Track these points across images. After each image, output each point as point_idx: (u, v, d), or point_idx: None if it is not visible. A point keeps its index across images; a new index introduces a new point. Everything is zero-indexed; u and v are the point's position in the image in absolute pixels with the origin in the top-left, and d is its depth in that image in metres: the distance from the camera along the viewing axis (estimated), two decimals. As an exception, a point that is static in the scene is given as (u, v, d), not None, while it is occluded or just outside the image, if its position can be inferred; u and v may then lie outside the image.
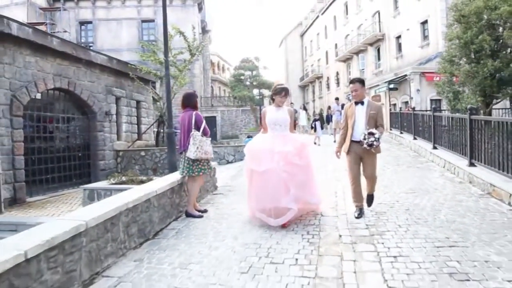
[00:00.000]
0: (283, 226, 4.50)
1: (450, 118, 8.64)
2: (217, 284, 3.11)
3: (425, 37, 25.51)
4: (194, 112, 5.37)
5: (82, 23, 30.57)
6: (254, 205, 4.78)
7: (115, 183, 8.04)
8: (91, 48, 24.66)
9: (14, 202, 9.58)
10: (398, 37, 28.74)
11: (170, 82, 8.54)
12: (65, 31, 27.99)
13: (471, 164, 6.93)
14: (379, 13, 31.29)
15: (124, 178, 8.33)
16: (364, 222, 4.56)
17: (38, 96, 10.80)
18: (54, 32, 25.07)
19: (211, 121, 31.35)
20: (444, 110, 17.25)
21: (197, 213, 5.28)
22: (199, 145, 5.16)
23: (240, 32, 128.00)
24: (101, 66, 13.22)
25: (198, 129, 5.25)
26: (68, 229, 3.06)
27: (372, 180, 4.95)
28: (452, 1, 16.82)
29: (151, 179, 6.96)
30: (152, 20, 30.38)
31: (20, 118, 9.89)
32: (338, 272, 3.23)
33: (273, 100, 5.09)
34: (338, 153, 5.08)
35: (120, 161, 14.03)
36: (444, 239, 3.88)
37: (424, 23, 25.48)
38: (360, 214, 4.81)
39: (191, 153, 5.15)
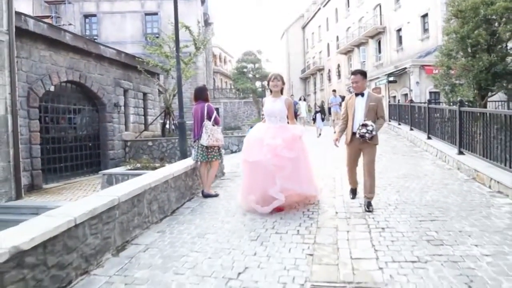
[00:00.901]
0: (278, 210, 4.70)
1: (443, 110, 9.17)
2: (231, 248, 3.69)
3: (425, 30, 25.87)
4: (206, 104, 5.95)
5: (87, 16, 30.98)
6: (246, 191, 4.94)
7: (131, 169, 8.62)
8: (95, 40, 25.15)
9: (32, 188, 10.17)
10: (399, 30, 29.09)
11: (181, 75, 9.07)
12: (70, 24, 28.39)
13: (460, 152, 7.48)
14: (380, 6, 31.60)
15: (139, 165, 8.92)
16: (358, 202, 5.12)
17: (52, 88, 11.32)
18: (59, 25, 25.49)
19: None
20: (442, 102, 17.77)
21: (214, 193, 5.90)
22: (210, 133, 5.76)
23: (242, 24, 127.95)
24: (110, 59, 13.74)
25: (209, 119, 5.83)
26: (105, 202, 3.64)
27: (371, 177, 4.78)
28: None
29: (163, 166, 7.52)
30: (156, 13, 30.75)
31: (36, 109, 10.45)
32: (334, 239, 3.81)
33: (270, 91, 5.21)
34: (337, 141, 5.06)
35: (128, 151, 14.60)
36: (427, 215, 4.45)
37: (424, 16, 25.82)
38: (354, 195, 5.27)
39: (204, 140, 5.76)
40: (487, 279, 2.85)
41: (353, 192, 5.32)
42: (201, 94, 5.93)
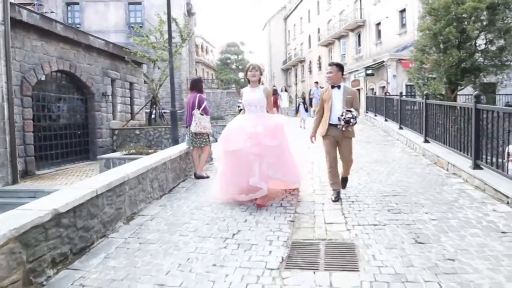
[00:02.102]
0: (259, 206, 4.65)
1: (412, 103, 10.02)
2: (225, 217, 4.38)
3: (403, 25, 26.77)
4: (198, 95, 6.59)
5: (69, 3, 30.70)
6: (225, 183, 4.89)
7: (127, 154, 9.18)
8: (78, 29, 25.16)
9: (26, 174, 10.59)
10: (378, 24, 29.96)
11: (173, 67, 9.61)
12: (52, 12, 28.16)
13: (426, 141, 8.33)
14: (360, 0, 32.39)
15: (133, 150, 9.48)
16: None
17: (43, 77, 11.67)
18: (41, 13, 25.37)
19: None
20: (416, 95, 18.75)
21: (205, 174, 6.55)
22: (198, 122, 6.42)
23: (224, 14, 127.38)
24: (98, 49, 14.11)
25: (199, 108, 6.47)
26: (118, 178, 4.26)
27: (348, 163, 5.03)
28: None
29: (156, 151, 8.11)
30: (139, 3, 30.73)
31: (29, 97, 10.82)
32: (311, 210, 4.54)
33: (248, 81, 5.13)
34: (313, 138, 5.10)
35: (116, 139, 15.04)
36: (390, 191, 5.23)
37: (402, 11, 26.69)
38: (338, 197, 4.86)
39: (193, 127, 6.41)
40: (430, 235, 3.62)
41: (337, 194, 4.93)
42: (196, 85, 6.58)
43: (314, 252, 3.39)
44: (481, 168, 5.51)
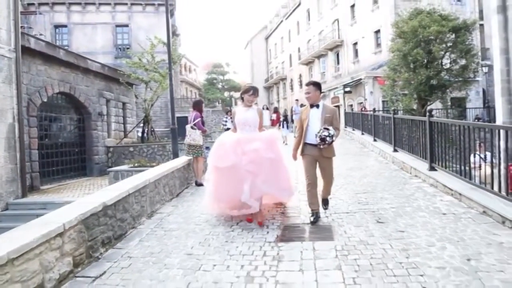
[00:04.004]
0: (259, 224, 4.69)
1: (383, 117, 11.30)
2: (229, 212, 5.41)
3: (378, 44, 28.54)
4: (195, 113, 7.70)
5: (57, 26, 31.58)
6: (214, 199, 4.96)
7: (133, 167, 10.12)
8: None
9: (32, 189, 11.35)
10: (355, 43, 31.73)
11: (173, 89, 10.66)
12: (41, 34, 28.91)
13: (395, 150, 9.55)
14: (338, 21, 34.23)
15: (137, 164, 10.43)
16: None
17: (45, 99, 12.56)
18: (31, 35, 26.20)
19: (183, 121, 33.16)
20: (390, 110, 20.23)
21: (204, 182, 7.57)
22: (188, 134, 7.62)
23: (206, 33, 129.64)
24: (95, 72, 15.06)
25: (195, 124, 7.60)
26: (142, 181, 5.28)
27: (328, 183, 4.99)
28: (394, 19, 19.86)
29: (158, 164, 9.09)
30: (126, 25, 31.86)
31: (34, 118, 11.68)
32: (297, 205, 5.61)
33: (242, 99, 5.11)
34: (294, 157, 5.05)
35: (110, 156, 15.88)
36: (361, 190, 6.37)
37: (377, 32, 28.48)
38: (316, 218, 4.74)
39: (186, 139, 7.57)
40: (389, 218, 4.74)
41: (315, 215, 4.79)
42: (196, 105, 7.75)
43: (300, 231, 4.46)
44: (436, 170, 6.71)
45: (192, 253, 3.92)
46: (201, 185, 7.52)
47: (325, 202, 5.15)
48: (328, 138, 4.55)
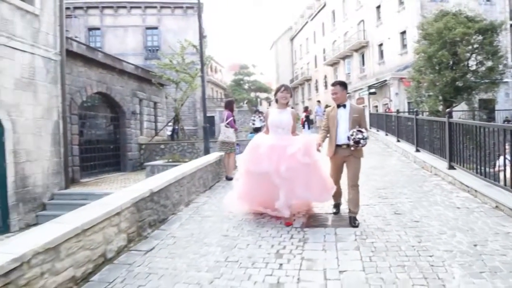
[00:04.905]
0: (287, 225, 4.64)
1: (405, 118, 11.59)
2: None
3: (404, 45, 28.47)
4: (227, 112, 8.27)
5: (91, 29, 32.99)
6: (246, 201, 5.06)
7: (168, 162, 10.84)
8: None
9: (72, 182, 12.22)
10: (381, 44, 31.74)
11: (206, 91, 11.32)
12: (76, 37, 30.36)
13: (417, 150, 9.85)
14: (363, 22, 34.29)
15: (170, 160, 11.15)
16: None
17: (84, 98, 13.45)
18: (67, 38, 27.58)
19: (210, 120, 34.10)
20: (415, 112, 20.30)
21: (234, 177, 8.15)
22: (222, 132, 8.17)
23: (230, 33, 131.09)
24: (129, 73, 15.94)
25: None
26: (181, 173, 5.88)
27: (354, 189, 4.74)
28: (420, 20, 19.93)
29: (192, 159, 9.73)
30: (156, 28, 32.92)
31: (76, 116, 12.58)
32: (321, 197, 6.08)
33: (276, 101, 5.04)
34: (319, 146, 4.81)
35: (143, 153, 16.73)
36: (382, 186, 6.78)
37: (403, 33, 28.42)
38: (338, 209, 5.10)
39: (219, 137, 8.12)
40: (406, 210, 5.16)
41: (336, 206, 5.14)
42: (228, 105, 8.33)
43: (324, 219, 4.95)
44: (454, 169, 7.04)
45: (228, 234, 4.46)
46: (231, 179, 8.09)
47: (354, 219, 4.63)
48: (362, 141, 4.49)
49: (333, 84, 4.90)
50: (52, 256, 3.03)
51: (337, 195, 5.04)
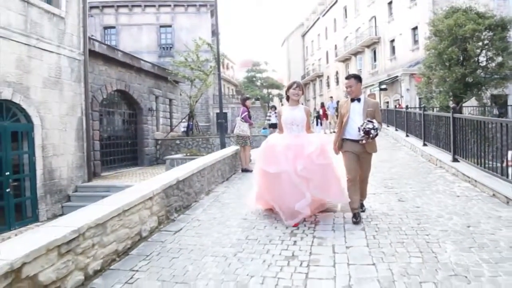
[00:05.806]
0: (294, 226, 4.47)
1: (414, 114, 11.95)
2: (273, 191, 6.44)
3: (415, 41, 28.58)
4: (242, 108, 8.80)
5: (106, 28, 33.77)
6: (265, 201, 5.02)
7: (186, 156, 11.44)
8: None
9: (94, 175, 12.88)
10: (392, 40, 31.86)
11: (221, 89, 11.84)
12: (92, 35, 31.13)
13: (424, 144, 10.24)
14: (375, 18, 34.42)
15: (188, 154, 11.74)
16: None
17: (104, 96, 14.08)
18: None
19: (223, 117, 34.75)
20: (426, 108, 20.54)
21: (251, 168, 8.66)
22: (238, 126, 8.70)
23: (242, 30, 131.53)
24: (146, 71, 16.55)
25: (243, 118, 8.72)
26: (201, 165, 6.41)
27: (365, 182, 4.88)
28: (430, 17, 20.14)
29: (209, 153, 10.27)
30: (170, 26, 33.55)
31: (97, 112, 13.23)
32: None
33: (287, 98, 5.05)
34: (336, 151, 4.84)
35: (159, 148, 17.36)
36: (389, 177, 7.22)
37: (415, 29, 28.51)
38: (358, 218, 4.52)
39: (235, 130, 8.66)
40: (409, 198, 5.61)
41: (357, 215, 4.57)
42: (244, 101, 8.84)
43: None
44: (458, 161, 7.44)
45: (246, 218, 4.98)
46: (246, 171, 8.62)
47: (361, 205, 4.87)
48: (372, 131, 4.36)
49: (347, 77, 4.81)
50: (101, 231, 3.57)
51: (355, 200, 4.64)
